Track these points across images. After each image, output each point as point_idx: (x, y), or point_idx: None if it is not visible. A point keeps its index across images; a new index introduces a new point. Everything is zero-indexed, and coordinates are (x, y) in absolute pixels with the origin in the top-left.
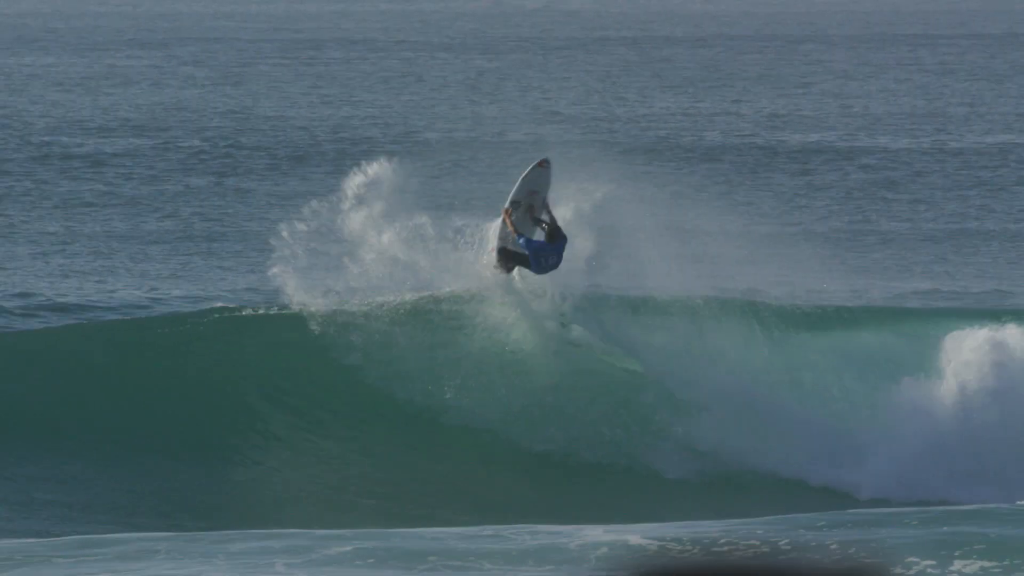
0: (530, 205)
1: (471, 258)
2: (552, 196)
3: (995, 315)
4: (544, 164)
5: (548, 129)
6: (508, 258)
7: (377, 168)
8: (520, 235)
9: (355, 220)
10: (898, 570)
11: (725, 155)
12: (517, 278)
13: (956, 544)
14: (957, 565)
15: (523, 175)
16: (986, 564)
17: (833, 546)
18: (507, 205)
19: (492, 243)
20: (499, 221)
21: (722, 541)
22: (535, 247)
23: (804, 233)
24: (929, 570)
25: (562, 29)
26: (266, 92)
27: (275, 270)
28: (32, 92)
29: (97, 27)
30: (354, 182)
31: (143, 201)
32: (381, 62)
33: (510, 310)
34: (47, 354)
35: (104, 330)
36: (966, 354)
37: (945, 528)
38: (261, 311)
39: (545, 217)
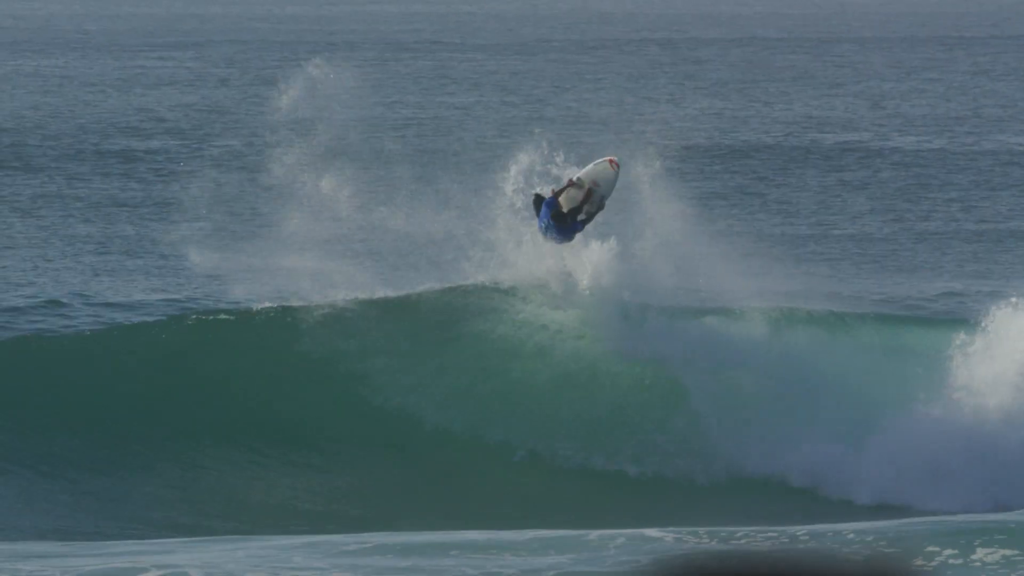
0: (589, 190)
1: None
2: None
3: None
4: (615, 165)
5: (580, 129)
6: (535, 204)
7: (318, 69)
8: (553, 196)
9: (282, 158)
10: (919, 560)
11: (757, 155)
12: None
13: (977, 533)
14: (980, 554)
15: (594, 163)
16: (1008, 552)
17: (850, 535)
18: (575, 178)
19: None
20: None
21: (739, 534)
22: (543, 215)
23: (836, 234)
24: (951, 560)
25: (595, 30)
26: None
27: (176, 235)
28: (65, 93)
29: (130, 29)
30: (286, 96)
31: (174, 201)
32: (414, 63)
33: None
34: (64, 356)
35: (124, 331)
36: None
37: (965, 517)
38: (284, 309)
39: (589, 208)
